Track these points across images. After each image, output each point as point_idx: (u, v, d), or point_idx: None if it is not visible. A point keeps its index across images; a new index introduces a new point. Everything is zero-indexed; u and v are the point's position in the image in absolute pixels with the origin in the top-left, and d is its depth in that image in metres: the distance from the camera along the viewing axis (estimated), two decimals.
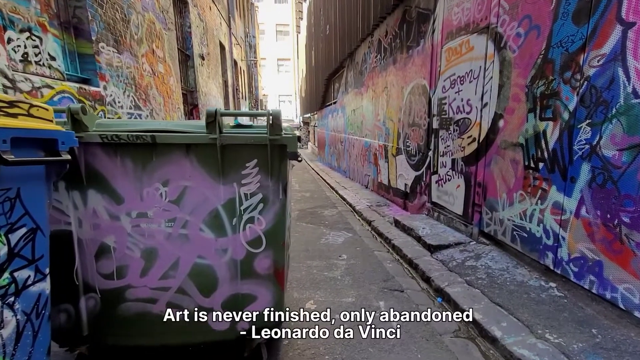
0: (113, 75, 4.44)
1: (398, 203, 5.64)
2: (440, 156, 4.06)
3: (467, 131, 3.44)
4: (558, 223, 2.31)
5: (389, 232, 4.21)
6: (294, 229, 4.65)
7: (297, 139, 1.51)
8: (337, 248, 3.85)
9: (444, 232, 3.67)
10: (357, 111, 8.55)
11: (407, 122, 5.06)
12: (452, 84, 3.72)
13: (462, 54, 3.51)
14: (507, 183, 2.83)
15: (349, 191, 7.55)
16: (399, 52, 5.39)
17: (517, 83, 2.69)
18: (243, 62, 18.06)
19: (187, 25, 8.31)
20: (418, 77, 4.65)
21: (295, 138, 1.45)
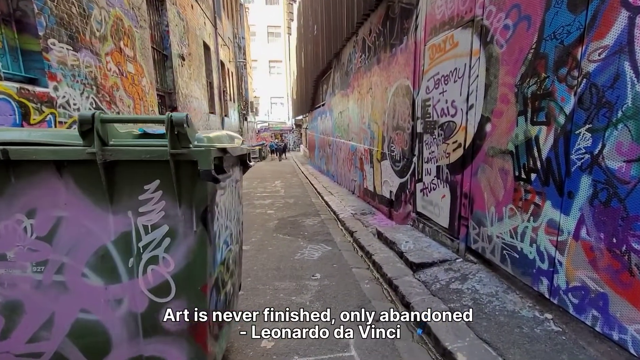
0: (67, 75, 4.03)
1: (383, 211, 5.30)
2: (424, 162, 3.73)
3: (452, 136, 3.11)
4: (554, 245, 1.98)
5: (371, 246, 3.86)
6: (269, 243, 4.27)
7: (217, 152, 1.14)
8: (311, 265, 3.49)
9: (429, 247, 3.33)
10: (343, 113, 8.23)
11: (392, 126, 4.74)
12: (436, 84, 3.39)
13: (446, 51, 3.19)
14: (495, 195, 2.50)
15: (334, 197, 7.20)
16: (382, 51, 5.06)
17: (505, 82, 2.36)
18: (231, 64, 17.66)
19: (165, 23, 7.91)
20: (402, 77, 4.32)
21: (210, 152, 1.08)
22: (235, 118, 17.76)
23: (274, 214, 6.03)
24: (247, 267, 3.42)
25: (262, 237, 4.50)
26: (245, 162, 1.88)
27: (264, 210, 6.30)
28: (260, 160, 21.68)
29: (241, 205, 1.94)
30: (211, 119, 11.78)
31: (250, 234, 4.65)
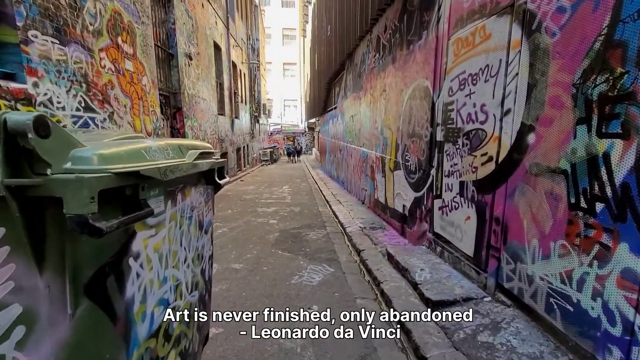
0: (51, 71, 3.70)
1: (395, 227, 4.76)
2: (445, 176, 3.20)
3: (481, 147, 2.57)
4: (632, 305, 1.43)
5: (379, 270, 3.34)
6: (266, 261, 3.81)
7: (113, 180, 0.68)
8: (309, 292, 3.00)
9: (449, 279, 2.79)
10: (355, 117, 7.74)
11: (407, 132, 4.21)
12: (462, 84, 2.87)
13: (474, 45, 2.66)
14: (540, 225, 1.96)
15: (343, 207, 6.70)
16: (398, 49, 4.56)
17: (558, 80, 1.82)
18: (244, 65, 17.45)
19: (171, 21, 7.64)
20: (419, 77, 3.80)
21: (87, 182, 0.62)
22: (247, 120, 17.51)
23: (276, 224, 5.58)
24: (235, 292, 2.97)
25: (258, 253, 4.05)
26: (213, 179, 1.41)
27: (266, 220, 5.86)
28: (271, 163, 21.39)
29: (206, 236, 1.48)
30: (220, 121, 11.49)
31: (246, 249, 4.21)
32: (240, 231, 5.11)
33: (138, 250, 0.87)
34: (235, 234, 4.93)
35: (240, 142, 15.22)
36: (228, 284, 3.15)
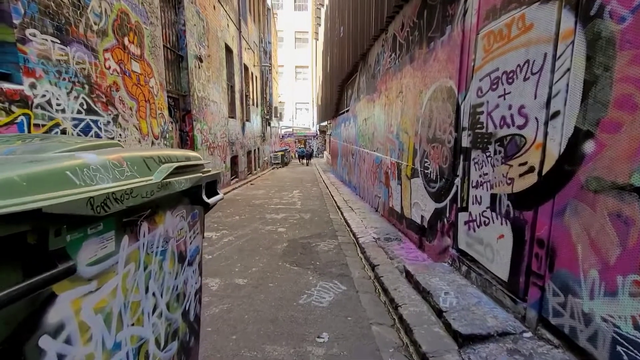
0: (51, 71, 3.53)
1: (412, 239, 4.40)
2: (472, 187, 2.84)
3: (519, 155, 2.22)
4: None
5: (397, 290, 3.00)
6: (272, 276, 3.53)
7: None
8: (319, 316, 2.69)
9: (479, 306, 2.43)
10: (368, 120, 7.41)
11: (426, 137, 3.87)
12: (494, 84, 2.52)
13: (511, 39, 2.32)
14: (601, 253, 1.60)
15: (355, 214, 6.36)
16: (417, 47, 4.23)
17: (628, 76, 1.48)
18: (256, 68, 17.37)
19: (181, 22, 7.51)
20: (442, 76, 3.46)
21: None
22: (258, 123, 17.39)
23: (285, 232, 5.29)
24: (236, 314, 2.68)
25: (264, 267, 3.77)
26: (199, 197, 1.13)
27: (274, 228, 5.58)
28: (282, 166, 21.22)
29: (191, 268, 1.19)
30: (230, 124, 11.34)
31: (252, 261, 3.93)
32: (246, 240, 4.85)
33: (61, 320, 0.59)
34: (242, 244, 4.67)
35: (251, 145, 15.07)
36: (230, 303, 2.87)
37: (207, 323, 2.54)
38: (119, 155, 0.73)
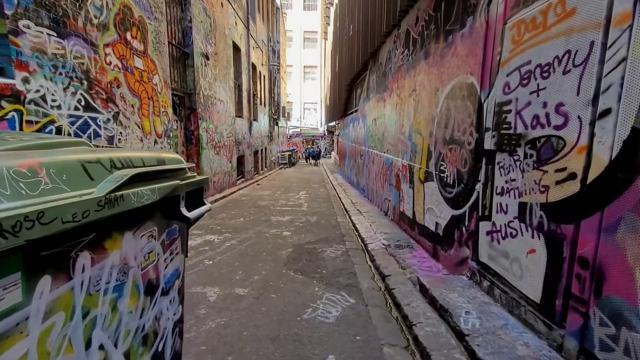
0: (46, 65, 3.37)
1: (425, 247, 4.12)
2: (496, 194, 2.56)
3: (556, 159, 1.94)
4: None
5: (411, 305, 2.74)
6: (275, 285, 3.29)
7: None
8: (324, 334, 2.44)
9: (506, 329, 2.15)
10: (378, 121, 7.14)
11: (443, 138, 3.59)
12: (524, 78, 2.24)
13: (547, 27, 2.04)
14: None
15: (363, 218, 6.10)
16: (433, 41, 3.95)
17: None
18: (264, 67, 17.21)
19: (188, 18, 7.35)
20: (461, 72, 3.19)
21: None
22: (265, 122, 17.23)
23: (290, 237, 5.06)
24: (234, 330, 2.45)
25: (267, 275, 3.53)
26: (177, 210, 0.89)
27: (279, 231, 5.36)
28: (289, 166, 21.03)
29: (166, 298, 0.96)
30: (237, 123, 11.18)
31: (254, 268, 3.71)
32: (250, 244, 4.63)
33: None
34: (245, 248, 4.45)
35: (258, 145, 14.91)
36: (228, 316, 2.64)
37: (202, 340, 2.31)
38: (34, 160, 0.50)
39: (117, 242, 0.70)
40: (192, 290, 3.08)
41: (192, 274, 3.48)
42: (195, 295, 2.96)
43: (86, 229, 0.60)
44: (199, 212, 0.99)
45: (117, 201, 0.61)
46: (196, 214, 0.97)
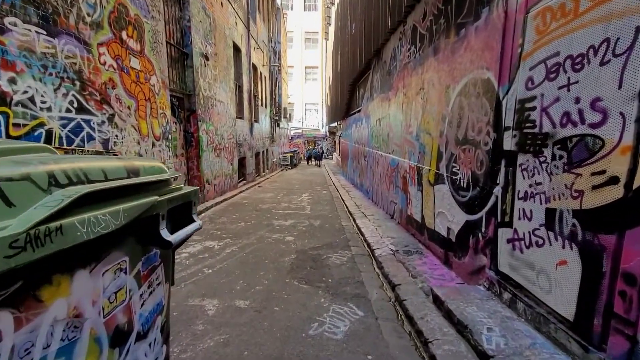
0: (34, 65, 3.19)
1: (436, 252, 3.91)
2: (519, 198, 2.36)
3: (592, 161, 1.73)
4: None
5: (425, 320, 2.53)
6: (278, 296, 3.09)
7: None
8: (333, 353, 2.24)
9: (534, 350, 1.94)
10: (383, 121, 6.93)
11: (455, 138, 3.39)
12: (552, 72, 2.04)
13: (579, 14, 1.84)
14: None
15: (369, 221, 5.89)
16: (442, 36, 3.75)
17: None
18: (265, 68, 17.04)
19: (187, 18, 7.18)
20: (475, 68, 2.98)
21: None
22: (267, 124, 17.05)
23: (293, 242, 4.86)
24: (234, 349, 2.25)
25: (270, 284, 3.34)
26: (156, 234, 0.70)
27: (282, 236, 5.16)
28: (291, 167, 20.84)
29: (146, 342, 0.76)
30: (238, 125, 11.00)
31: (255, 277, 3.51)
32: (251, 251, 4.43)
33: None
34: (246, 255, 4.25)
35: (260, 147, 14.73)
36: (228, 333, 2.44)
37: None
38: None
39: (63, 287, 0.50)
40: (189, 303, 2.88)
41: (190, 284, 3.29)
42: (192, 309, 2.77)
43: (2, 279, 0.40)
44: (185, 233, 0.79)
45: (49, 237, 0.41)
46: (181, 236, 0.77)
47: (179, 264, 3.86)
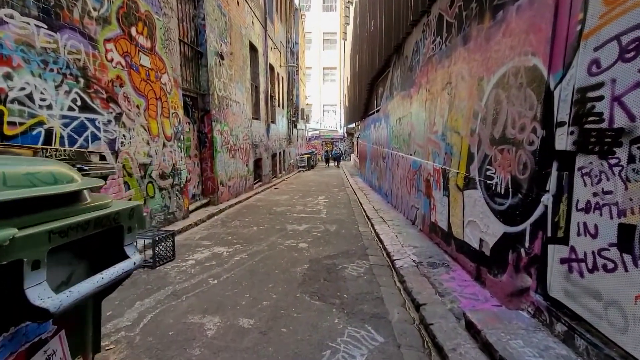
0: (33, 60, 3.02)
1: (466, 266, 3.47)
2: (578, 210, 1.91)
3: None
4: None
5: (458, 352, 2.12)
6: (287, 314, 2.77)
7: None
8: None
9: None
10: (403, 120, 6.50)
11: (489, 137, 2.95)
12: (628, 50, 1.60)
13: None
14: None
15: (388, 227, 5.48)
16: (475, 22, 3.32)
17: None
18: (282, 69, 16.88)
19: (201, 16, 7.03)
20: (518, 54, 2.55)
21: None
22: (284, 125, 16.87)
23: (306, 249, 4.54)
24: None
25: (279, 299, 3.01)
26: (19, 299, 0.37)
27: (295, 243, 4.84)
28: (308, 169, 20.58)
29: None
30: (254, 125, 10.82)
31: (263, 290, 3.20)
32: (261, 259, 4.14)
33: None
34: (255, 264, 3.96)
35: (276, 148, 14.54)
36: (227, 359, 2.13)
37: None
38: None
39: None
40: (188, 320, 2.60)
41: (192, 297, 3.02)
42: (190, 328, 2.48)
43: None
44: (91, 285, 0.44)
45: None
46: (84, 292, 0.43)
47: (183, 273, 3.61)
